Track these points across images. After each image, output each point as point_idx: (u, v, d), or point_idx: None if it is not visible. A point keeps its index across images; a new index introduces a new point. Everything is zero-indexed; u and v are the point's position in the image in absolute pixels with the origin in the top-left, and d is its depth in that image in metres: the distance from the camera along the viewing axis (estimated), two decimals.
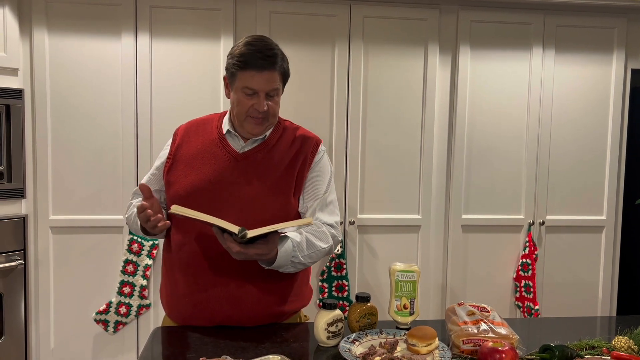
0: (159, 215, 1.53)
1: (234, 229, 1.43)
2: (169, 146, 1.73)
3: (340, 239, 1.74)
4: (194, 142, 1.70)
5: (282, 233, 1.57)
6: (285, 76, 1.66)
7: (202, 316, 1.63)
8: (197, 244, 1.62)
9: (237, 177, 1.62)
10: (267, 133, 1.68)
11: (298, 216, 1.70)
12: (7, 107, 2.65)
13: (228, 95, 1.68)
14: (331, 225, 1.69)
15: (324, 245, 1.63)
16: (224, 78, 1.67)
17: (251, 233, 1.43)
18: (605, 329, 1.75)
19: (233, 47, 1.63)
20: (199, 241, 1.62)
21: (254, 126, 1.63)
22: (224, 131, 1.68)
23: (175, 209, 1.46)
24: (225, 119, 1.71)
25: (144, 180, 1.76)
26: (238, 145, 1.67)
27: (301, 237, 1.58)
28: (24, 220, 2.76)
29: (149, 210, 1.52)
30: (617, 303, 3.24)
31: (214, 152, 1.66)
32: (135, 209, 1.67)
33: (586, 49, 3.09)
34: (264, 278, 1.62)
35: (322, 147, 1.75)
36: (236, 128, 1.67)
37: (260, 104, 1.59)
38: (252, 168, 1.64)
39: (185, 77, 2.85)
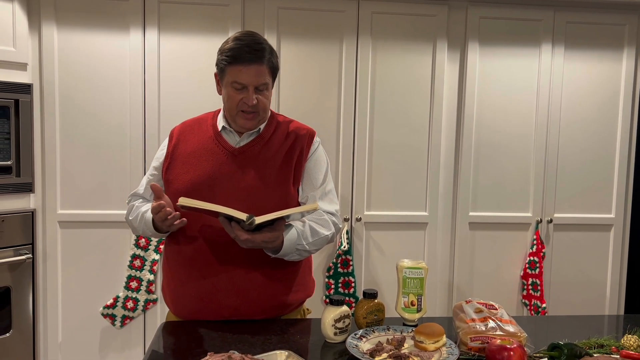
0: (177, 213, 1.55)
1: (242, 216, 1.46)
2: (166, 146, 1.76)
3: (340, 226, 1.77)
4: (190, 140, 1.72)
5: (287, 221, 1.60)
6: (274, 71, 1.68)
7: (209, 309, 1.64)
8: (201, 237, 1.64)
9: (235, 171, 1.65)
10: (262, 127, 1.71)
11: (299, 206, 1.71)
12: (16, 101, 2.66)
13: (219, 92, 1.71)
14: (332, 214, 1.73)
15: (327, 233, 1.67)
16: (215, 75, 1.71)
17: (259, 219, 1.46)
18: (613, 327, 1.74)
19: (223, 43, 1.67)
20: (203, 233, 1.64)
21: (245, 121, 1.66)
22: (219, 128, 1.71)
23: (183, 200, 1.49)
24: (220, 116, 1.74)
25: (143, 181, 1.79)
26: (234, 140, 1.70)
27: (305, 225, 1.63)
28: (32, 214, 2.77)
29: (167, 209, 1.54)
30: (625, 302, 3.23)
31: (211, 148, 1.69)
32: (142, 209, 1.70)
33: (596, 46, 3.06)
34: (269, 267, 1.64)
35: (317, 138, 1.78)
36: (230, 123, 1.70)
37: (249, 97, 1.61)
38: (250, 161, 1.67)
39: (193, 72, 2.85)
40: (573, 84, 3.07)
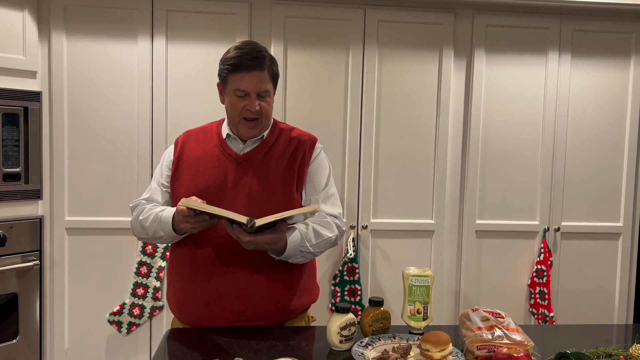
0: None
1: (243, 219, 1.47)
2: (172, 153, 1.79)
3: (344, 229, 1.80)
4: (195, 148, 1.76)
5: (290, 224, 1.61)
6: (275, 78, 1.72)
7: (213, 314, 1.65)
8: (205, 240, 1.66)
9: (240, 177, 1.68)
10: (265, 134, 1.75)
11: None
12: (26, 109, 2.69)
13: (222, 101, 1.75)
14: (335, 216, 1.75)
15: (330, 235, 1.69)
16: (218, 84, 1.75)
17: (259, 222, 1.48)
18: (621, 336, 1.73)
19: (224, 53, 1.71)
20: (207, 236, 1.66)
21: (247, 129, 1.69)
22: (224, 135, 1.75)
23: (185, 202, 1.52)
24: (225, 124, 1.78)
25: (153, 185, 1.82)
26: (238, 147, 1.73)
27: (308, 227, 1.65)
28: (40, 221, 2.79)
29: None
30: (633, 311, 3.19)
31: (216, 155, 1.72)
32: (156, 209, 1.69)
33: (603, 53, 3.06)
34: (273, 270, 1.66)
35: (318, 144, 1.82)
36: (234, 131, 1.73)
37: (252, 104, 1.65)
38: (254, 168, 1.70)
39: (200, 80, 2.86)
40: (580, 92, 3.07)
